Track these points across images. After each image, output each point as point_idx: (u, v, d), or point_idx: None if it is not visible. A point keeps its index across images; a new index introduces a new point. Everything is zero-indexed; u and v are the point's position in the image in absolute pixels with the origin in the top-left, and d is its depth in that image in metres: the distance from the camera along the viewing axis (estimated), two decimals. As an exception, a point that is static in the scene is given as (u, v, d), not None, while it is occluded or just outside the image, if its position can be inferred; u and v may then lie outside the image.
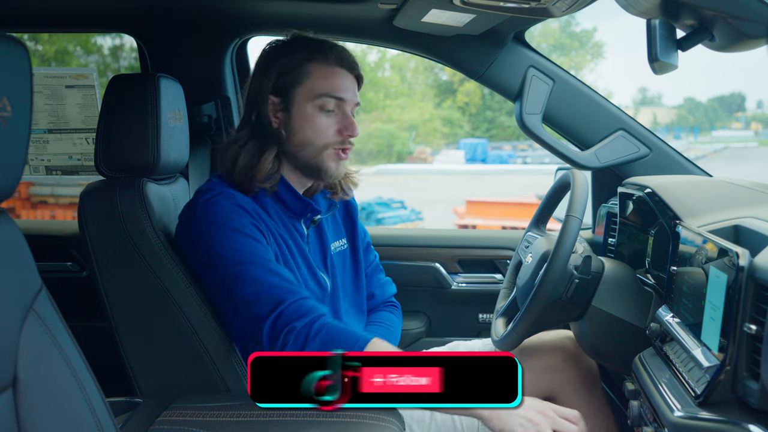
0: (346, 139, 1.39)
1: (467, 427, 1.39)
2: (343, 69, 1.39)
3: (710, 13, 1.04)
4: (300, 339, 1.21)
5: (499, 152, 27.84)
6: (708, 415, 0.91)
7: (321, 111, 1.37)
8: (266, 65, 1.40)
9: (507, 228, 7.96)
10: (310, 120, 1.37)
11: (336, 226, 1.57)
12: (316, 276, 1.44)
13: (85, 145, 1.96)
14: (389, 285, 1.66)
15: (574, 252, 1.36)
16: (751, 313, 0.89)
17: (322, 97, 1.37)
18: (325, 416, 1.18)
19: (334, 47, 1.40)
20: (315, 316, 1.24)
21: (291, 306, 1.24)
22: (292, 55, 1.38)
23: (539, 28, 27.99)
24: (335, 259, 1.53)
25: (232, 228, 1.29)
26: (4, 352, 0.74)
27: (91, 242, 1.35)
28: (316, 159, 1.39)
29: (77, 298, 1.68)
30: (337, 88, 1.38)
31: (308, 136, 1.38)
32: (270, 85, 1.38)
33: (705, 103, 55.64)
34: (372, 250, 1.66)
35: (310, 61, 1.37)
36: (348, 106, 1.40)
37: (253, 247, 1.29)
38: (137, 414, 1.24)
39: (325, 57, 1.38)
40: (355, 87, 1.42)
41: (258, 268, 1.26)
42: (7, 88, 0.70)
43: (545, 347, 1.57)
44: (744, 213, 1.18)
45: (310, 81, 1.37)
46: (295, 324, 1.22)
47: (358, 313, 1.56)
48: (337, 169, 1.41)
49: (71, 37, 16.37)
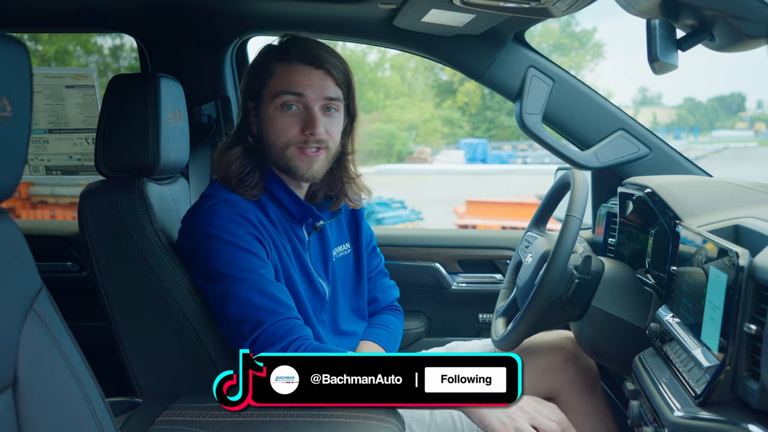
0: (308, 138, 1.35)
1: (467, 427, 1.39)
2: (305, 65, 1.35)
3: (710, 13, 1.04)
4: None
5: (499, 152, 27.82)
6: (708, 415, 0.91)
7: (282, 110, 1.35)
8: (246, 70, 1.41)
9: (507, 228, 7.96)
10: (272, 120, 1.36)
11: (340, 230, 1.55)
12: (314, 283, 1.43)
13: (85, 145, 1.96)
14: (393, 289, 1.65)
15: (574, 252, 1.36)
16: (751, 313, 0.89)
17: (282, 95, 1.34)
18: (324, 416, 1.18)
19: (296, 44, 1.36)
20: (291, 340, 1.25)
21: (270, 328, 1.25)
22: (260, 58, 1.38)
23: (539, 28, 27.98)
24: (337, 265, 1.52)
25: (229, 242, 1.29)
26: (4, 352, 0.74)
27: (91, 242, 1.35)
28: (283, 159, 1.37)
29: (77, 298, 1.69)
30: (295, 84, 1.34)
31: (271, 136, 1.36)
32: (245, 90, 1.39)
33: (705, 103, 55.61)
34: (378, 254, 1.65)
35: (273, 62, 1.36)
36: (312, 102, 1.34)
37: (249, 262, 1.29)
38: (137, 414, 1.24)
39: (286, 55, 1.36)
40: (323, 82, 1.35)
41: (247, 287, 1.27)
42: (7, 88, 0.70)
43: (545, 347, 1.57)
44: (744, 213, 1.18)
45: (272, 80, 1.36)
46: (270, 348, 1.24)
47: (359, 318, 1.56)
48: (308, 169, 1.37)
49: (71, 37, 16.37)
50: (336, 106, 1.38)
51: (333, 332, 1.49)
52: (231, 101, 1.98)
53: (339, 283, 1.52)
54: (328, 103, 1.36)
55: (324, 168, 1.40)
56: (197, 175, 1.82)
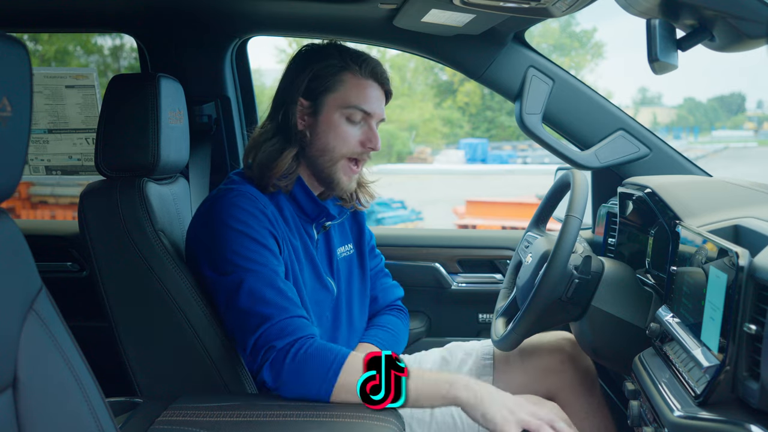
0: (367, 151, 1.41)
1: (468, 426, 1.39)
2: (375, 82, 1.40)
3: (710, 13, 1.03)
4: (279, 358, 1.23)
5: (499, 152, 27.82)
6: (708, 415, 0.91)
7: (347, 121, 1.39)
8: (299, 68, 1.41)
9: (507, 228, 7.96)
10: (335, 127, 1.38)
11: (343, 231, 1.57)
12: (323, 280, 1.45)
13: (85, 145, 1.96)
14: (395, 289, 1.66)
15: (574, 252, 1.36)
16: (751, 313, 0.89)
17: (351, 108, 1.38)
18: (325, 416, 1.18)
19: (369, 60, 1.41)
20: (297, 337, 1.24)
21: (277, 324, 1.25)
22: (326, 61, 1.39)
23: (539, 28, 27.98)
24: (341, 265, 1.53)
25: (247, 234, 1.29)
26: (4, 352, 0.74)
27: (91, 242, 1.35)
28: (330, 168, 1.40)
29: (77, 298, 1.69)
30: (367, 101, 1.39)
31: (330, 142, 1.39)
32: (302, 88, 1.39)
33: (705, 103, 55.62)
34: (377, 254, 1.66)
35: (343, 70, 1.39)
36: (374, 119, 1.41)
37: (263, 256, 1.29)
38: (137, 414, 1.24)
39: (359, 68, 1.39)
40: (383, 102, 1.43)
41: (260, 281, 1.27)
42: (7, 88, 0.70)
43: (543, 349, 1.58)
44: (744, 213, 1.18)
45: (342, 90, 1.38)
46: (275, 343, 1.24)
47: (361, 319, 1.57)
48: (348, 183, 1.42)
49: (71, 37, 16.37)
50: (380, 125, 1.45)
51: (348, 329, 1.50)
52: (231, 101, 1.98)
53: (344, 282, 1.52)
54: (380, 121, 1.43)
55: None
56: (197, 175, 1.82)
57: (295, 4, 1.77)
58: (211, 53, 1.95)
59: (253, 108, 2.09)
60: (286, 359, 1.22)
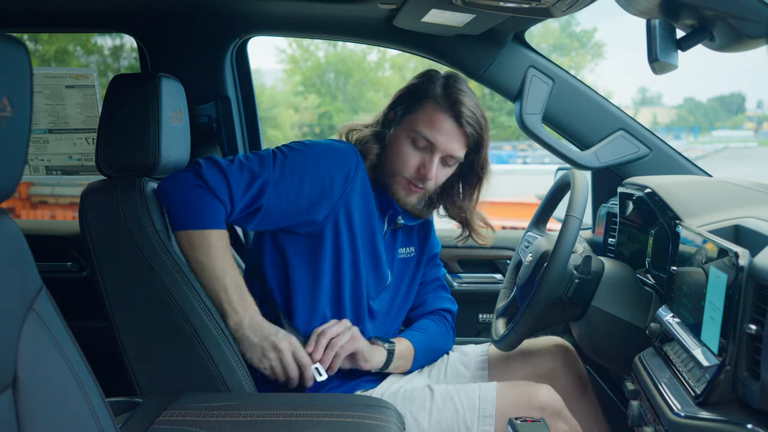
0: (419, 177, 1.44)
1: (468, 408, 1.38)
2: (450, 116, 1.43)
3: (710, 13, 1.04)
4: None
5: (499, 152, 27.79)
6: (708, 415, 0.91)
7: (412, 143, 1.44)
8: (407, 84, 1.51)
9: (507, 228, 7.95)
10: (399, 145, 1.46)
11: (409, 233, 1.61)
12: (380, 268, 1.50)
13: (85, 145, 1.96)
14: (445, 301, 1.67)
15: (574, 252, 1.36)
16: (751, 313, 0.89)
17: (417, 135, 1.43)
18: (325, 416, 1.18)
19: (457, 100, 1.43)
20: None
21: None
22: (424, 84, 1.46)
23: (539, 28, 27.95)
24: (397, 264, 1.58)
25: (308, 157, 1.41)
26: (4, 352, 0.74)
27: (91, 242, 1.35)
28: (389, 180, 1.48)
29: (77, 298, 1.69)
30: (432, 132, 1.42)
31: (393, 159, 1.46)
32: (399, 99, 1.49)
33: (705, 103, 55.61)
34: (438, 264, 1.70)
35: (428, 97, 1.44)
36: (437, 152, 1.43)
37: (296, 188, 1.38)
38: (137, 414, 1.24)
39: (442, 99, 1.43)
40: (455, 140, 1.44)
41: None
42: (7, 88, 0.70)
43: (536, 354, 1.58)
44: (744, 213, 1.18)
45: (418, 113, 1.45)
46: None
47: (393, 322, 1.60)
48: (406, 198, 1.48)
49: (71, 37, 16.34)
50: (453, 163, 1.49)
51: (372, 322, 1.52)
52: (231, 101, 1.98)
53: (395, 279, 1.57)
54: (448, 159, 1.46)
55: (419, 202, 1.52)
56: (197, 175, 1.82)
57: (295, 4, 1.77)
58: (211, 53, 1.95)
59: (253, 108, 2.08)
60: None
